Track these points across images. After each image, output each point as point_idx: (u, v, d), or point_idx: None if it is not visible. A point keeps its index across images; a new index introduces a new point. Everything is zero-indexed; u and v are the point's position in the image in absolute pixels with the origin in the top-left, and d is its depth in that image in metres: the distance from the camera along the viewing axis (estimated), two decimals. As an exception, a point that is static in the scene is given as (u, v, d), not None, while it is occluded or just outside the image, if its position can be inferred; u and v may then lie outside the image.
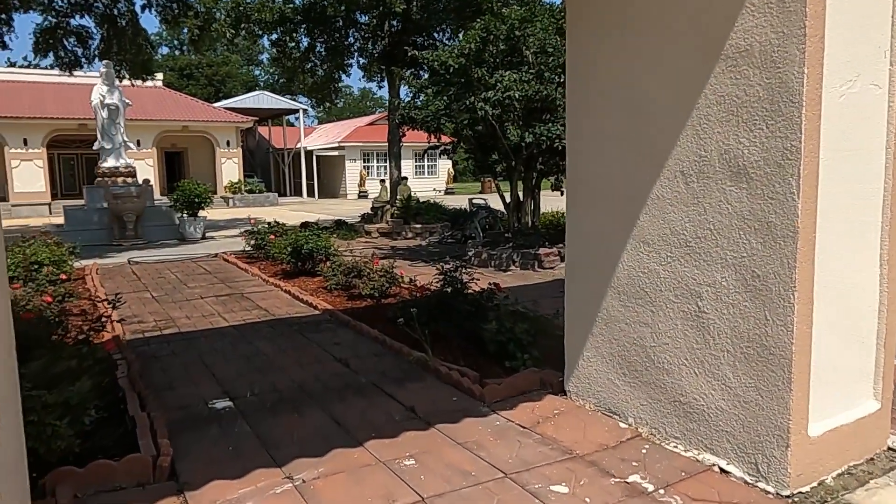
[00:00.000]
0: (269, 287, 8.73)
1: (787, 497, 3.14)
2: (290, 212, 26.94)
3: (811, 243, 3.14)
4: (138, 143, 30.72)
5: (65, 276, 7.01)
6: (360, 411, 4.23)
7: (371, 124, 41.90)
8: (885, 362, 3.63)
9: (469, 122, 10.54)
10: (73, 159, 31.39)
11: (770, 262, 3.20)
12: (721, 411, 3.49)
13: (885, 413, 3.64)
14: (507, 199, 11.00)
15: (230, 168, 33.12)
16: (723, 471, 3.41)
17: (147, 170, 30.92)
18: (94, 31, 18.69)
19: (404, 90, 15.26)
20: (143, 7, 17.57)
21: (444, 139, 10.99)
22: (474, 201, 14.32)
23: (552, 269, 10.16)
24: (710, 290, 3.50)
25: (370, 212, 15.57)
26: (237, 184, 32.39)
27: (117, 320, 6.77)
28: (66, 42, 18.58)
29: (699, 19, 3.42)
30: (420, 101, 10.30)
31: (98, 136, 15.53)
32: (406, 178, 15.38)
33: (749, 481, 3.30)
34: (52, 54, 18.44)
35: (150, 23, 32.95)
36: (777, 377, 3.19)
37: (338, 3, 14.20)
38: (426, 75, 10.45)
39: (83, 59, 18.74)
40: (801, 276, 3.11)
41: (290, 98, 39.27)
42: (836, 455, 3.37)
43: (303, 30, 15.05)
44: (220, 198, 32.06)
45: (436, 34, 15.33)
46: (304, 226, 17.81)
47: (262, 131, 43.05)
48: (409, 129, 10.60)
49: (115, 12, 17.98)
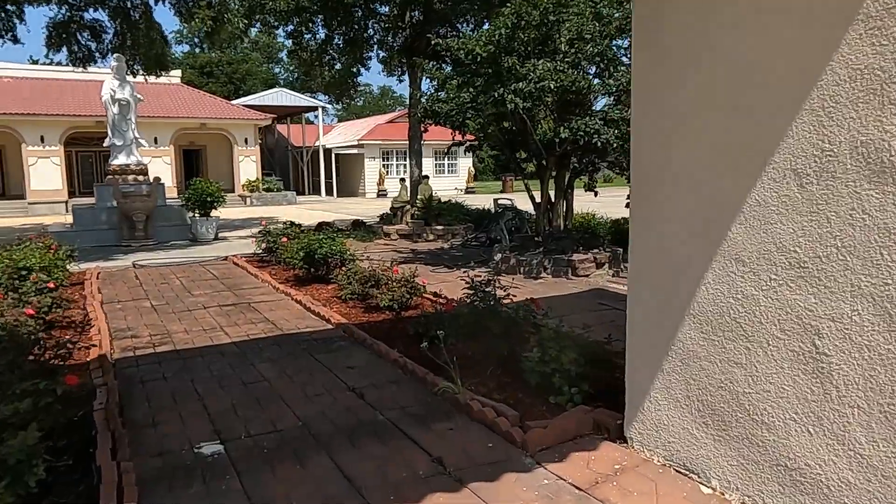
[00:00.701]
0: (279, 296, 8.00)
1: None
2: (308, 211, 26.33)
3: None
4: (156, 141, 30.39)
5: (53, 285, 6.36)
6: (377, 464, 3.45)
7: (391, 122, 41.22)
8: None
9: (496, 117, 9.73)
10: (91, 157, 31.10)
11: (935, 295, 2.37)
12: (847, 485, 2.66)
13: None
14: (537, 200, 10.18)
15: (248, 166, 32.64)
16: (856, 569, 2.58)
17: (164, 168, 30.57)
18: (108, 24, 18.22)
19: (426, 84, 14.47)
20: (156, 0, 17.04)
21: (469, 136, 10.20)
22: (500, 202, 13.50)
23: (587, 276, 9.31)
24: (833, 325, 2.66)
25: (389, 212, 14.83)
26: (255, 182, 31.89)
27: (110, 334, 6.08)
28: (79, 36, 18.13)
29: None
30: (443, 95, 9.52)
31: (109, 132, 14.96)
32: (427, 177, 14.61)
33: (897, 588, 2.46)
34: (65, 49, 17.98)
35: (169, 21, 32.59)
36: (943, 451, 2.36)
37: (356, -8, 13.53)
38: (449, 69, 9.66)
39: (97, 54, 18.27)
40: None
41: (309, 96, 38.75)
42: None
43: (320, 20, 14.35)
44: (238, 196, 31.60)
45: (459, 25, 14.52)
46: (321, 226, 17.15)
47: (281, 129, 42.58)
48: (431, 125, 9.82)
49: (129, 5, 17.47)
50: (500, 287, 5.50)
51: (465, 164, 40.87)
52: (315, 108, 38.85)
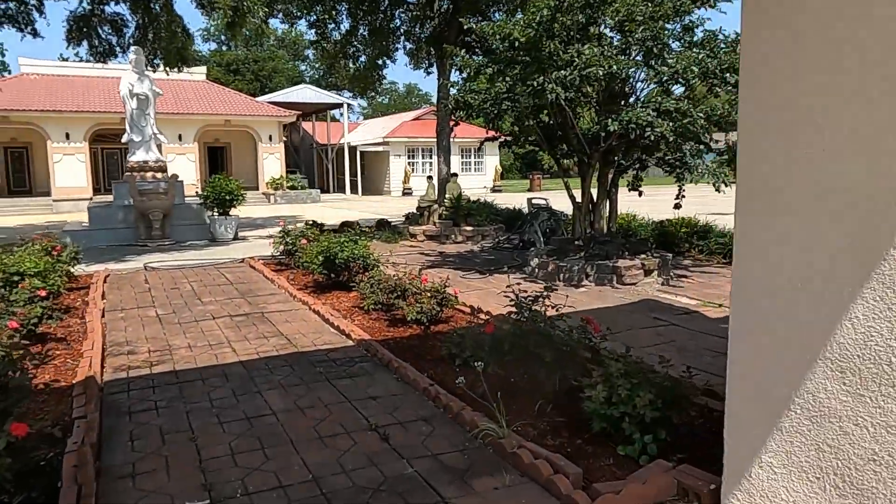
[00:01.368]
0: (296, 305, 7.28)
1: None
2: (332, 210, 25.74)
3: None
4: (180, 138, 30.12)
5: (45, 292, 5.72)
6: (404, 546, 2.67)
7: (417, 119, 40.49)
8: None
9: (533, 109, 8.90)
10: (117, 154, 30.92)
11: None
12: None
13: None
14: (578, 200, 9.32)
15: (272, 164, 32.19)
16: None
17: (189, 165, 30.29)
18: (129, 17, 17.79)
19: (456, 76, 13.68)
20: (177, -9, 16.54)
21: (484, 132, 9.35)
22: (534, 201, 12.65)
23: (633, 284, 8.43)
24: None
25: (415, 212, 14.07)
26: (279, 180, 31.42)
27: (104, 349, 5.41)
28: (100, 30, 17.72)
29: None
30: (475, 85, 8.72)
31: (127, 128, 14.46)
32: (455, 175, 13.84)
33: None
34: (85, 43, 17.58)
35: (196, 19, 32.29)
36: None
37: (383, -20, 12.79)
38: (480, 59, 8.83)
39: (117, 48, 17.84)
40: None
41: (334, 93, 38.22)
42: None
43: (344, 9, 13.66)
44: (262, 194, 31.19)
45: (491, 15, 13.70)
46: (344, 226, 16.48)
47: (307, 126, 42.17)
48: (462, 120, 9.01)
49: (150, -3, 17.00)
50: (549, 304, 4.66)
51: (493, 161, 40.00)
52: (340, 105, 38.31)
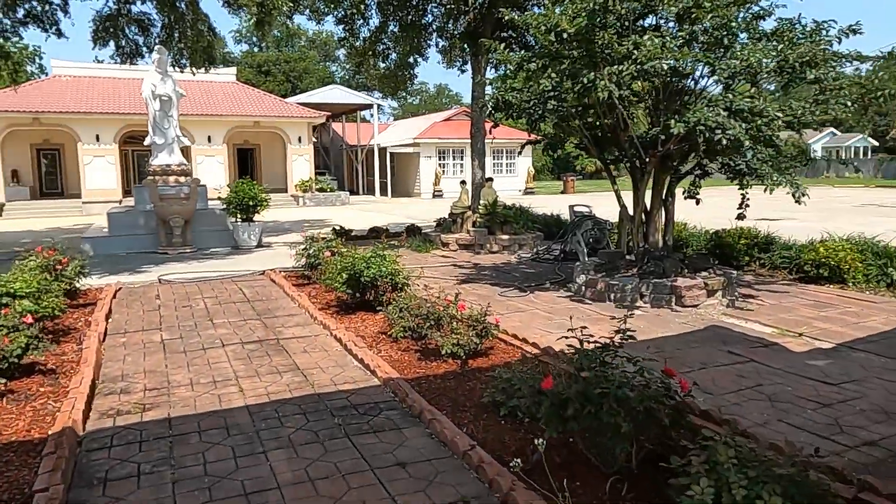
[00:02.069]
0: (316, 329, 6.51)
1: None
2: (361, 213, 25.10)
3: None
4: (209, 140, 29.84)
5: (31, 319, 5.04)
6: None
7: (447, 120, 39.71)
8: None
9: (580, 109, 8.01)
10: (147, 156, 30.65)
11: None
12: None
13: None
14: (630, 209, 8.38)
15: (301, 165, 31.73)
16: None
17: (218, 167, 30.00)
18: (155, 17, 17.39)
19: (491, 73, 12.82)
20: (202, -12, 16.04)
21: (517, 133, 8.48)
22: (576, 208, 11.70)
23: (695, 306, 7.46)
24: None
25: (448, 218, 13.24)
26: (308, 182, 30.93)
27: (92, 388, 4.70)
28: (126, 30, 17.35)
29: None
30: (515, 83, 7.85)
31: (149, 130, 13.95)
32: (491, 180, 12.95)
33: None
34: (112, 43, 17.21)
35: (226, 19, 32.03)
36: None
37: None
38: (522, 53, 7.94)
39: (144, 48, 17.45)
40: None
41: (364, 93, 37.66)
42: None
43: (373, 4, 12.91)
44: (291, 196, 30.76)
45: (529, 7, 12.78)
46: (373, 233, 15.75)
47: (336, 128, 41.73)
48: (502, 121, 8.13)
49: (176, -5, 16.53)
50: (624, 355, 3.75)
51: (525, 163, 39.00)
52: (370, 106, 37.73)
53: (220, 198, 13.60)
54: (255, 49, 63.27)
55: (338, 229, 15.52)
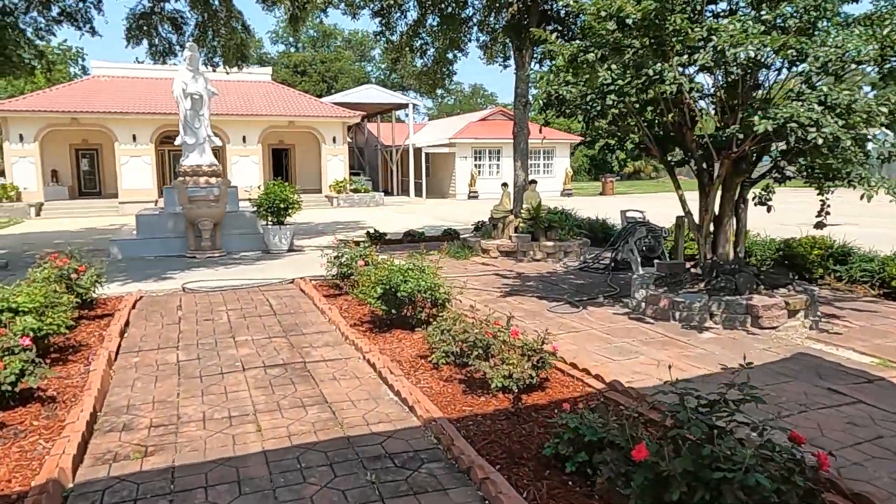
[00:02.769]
0: (347, 350, 5.83)
1: None
2: (396, 214, 24.51)
3: None
4: (244, 140, 29.65)
5: (28, 341, 4.47)
6: None
7: (483, 120, 38.96)
8: None
9: (640, 105, 7.17)
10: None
11: None
12: None
13: None
14: (696, 217, 7.49)
15: (336, 166, 31.33)
16: None
17: (253, 167, 29.80)
18: (188, 14, 17.08)
19: (535, 68, 12.00)
20: (236, -15, 15.64)
21: (555, 132, 7.62)
22: (629, 214, 10.82)
23: (773, 328, 6.56)
24: None
25: (488, 223, 12.48)
26: (342, 183, 30.50)
27: (91, 424, 4.09)
28: (160, 28, 17.07)
29: None
30: (569, 76, 7.04)
31: (180, 130, 13.52)
32: (535, 182, 12.13)
33: None
34: (145, 42, 16.96)
35: (263, 23, 31.86)
36: None
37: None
38: (579, 43, 7.10)
39: (177, 47, 17.16)
40: None
41: (400, 93, 37.14)
42: None
43: (411, -4, 12.27)
44: (325, 197, 30.39)
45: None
46: (408, 237, 15.08)
47: (371, 128, 41.33)
48: (552, 119, 7.33)
49: (209, -8, 16.16)
50: (745, 421, 2.92)
51: (562, 164, 37.98)
52: (405, 106, 37.18)
53: (249, 199, 13.09)
54: (292, 49, 63.47)
55: (371, 233, 14.90)
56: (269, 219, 12.60)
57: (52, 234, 18.14)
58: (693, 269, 7.61)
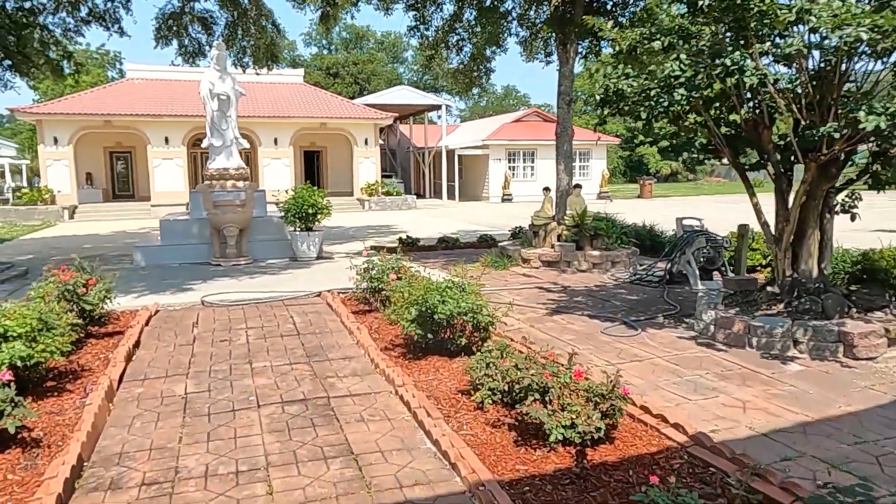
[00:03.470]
0: (377, 381, 5.10)
1: None
2: (428, 218, 23.82)
3: None
4: (276, 142, 29.33)
5: (8, 375, 3.86)
6: None
7: (517, 121, 38.08)
8: None
9: (708, 100, 6.31)
10: (215, 158, 30.61)
11: None
12: None
13: None
14: (772, 227, 6.58)
15: (367, 168, 30.81)
16: None
17: (284, 170, 29.47)
18: (218, 14, 16.68)
19: (580, 62, 11.16)
20: (266, -17, 15.15)
21: (590, 133, 6.79)
22: (685, 222, 9.90)
23: (871, 359, 5.62)
24: None
25: (528, 230, 11.66)
26: (374, 185, 29.96)
27: (70, 482, 3.44)
28: (190, 28, 16.70)
29: None
30: (628, 69, 6.21)
31: (207, 132, 13.01)
32: (579, 187, 11.26)
33: None
34: (174, 42, 16.60)
35: (296, 25, 31.57)
36: None
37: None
38: (643, 29, 6.24)
39: (206, 47, 16.77)
40: None
41: (432, 95, 36.50)
42: None
43: (447, -12, 11.55)
44: (356, 200, 29.88)
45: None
46: (442, 243, 14.35)
47: (403, 129, 40.80)
48: (610, 116, 6.48)
49: (239, -9, 15.72)
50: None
51: (599, 166, 36.85)
52: (438, 107, 36.54)
53: (277, 203, 12.50)
54: (325, 52, 63.49)
55: (404, 239, 14.22)
56: (298, 225, 11.99)
57: (82, 238, 17.91)
58: (770, 288, 6.68)
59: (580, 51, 11.40)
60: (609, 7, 11.47)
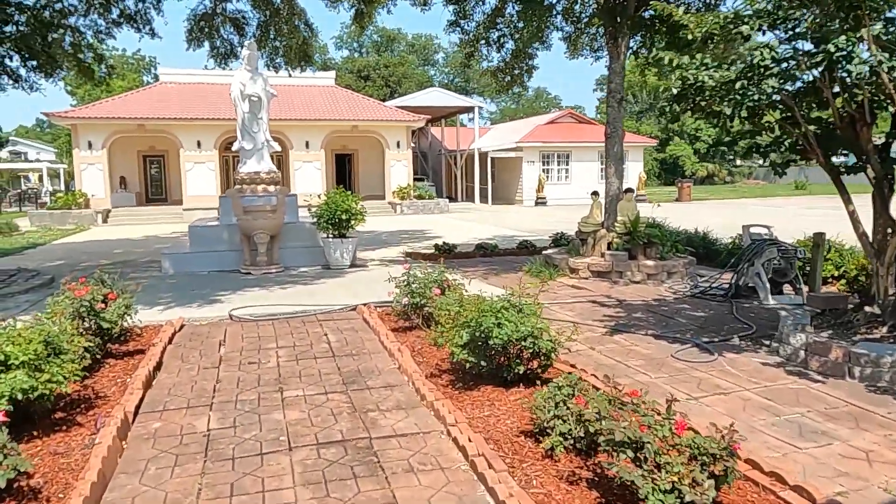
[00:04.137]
0: (425, 416, 4.44)
1: None
2: (462, 223, 23.16)
3: None
4: (307, 145, 29.01)
5: (2, 416, 3.33)
6: None
7: (551, 123, 37.24)
8: None
9: (797, 94, 5.53)
10: (246, 162, 30.43)
11: None
12: None
13: None
14: (869, 237, 5.77)
15: (399, 171, 30.31)
16: None
17: (315, 173, 29.15)
18: (251, 14, 16.32)
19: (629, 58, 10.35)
20: (300, -16, 14.71)
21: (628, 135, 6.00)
22: (752, 230, 9.06)
23: None
24: None
25: (575, 238, 10.91)
26: (406, 189, 29.43)
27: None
28: (222, 29, 16.36)
29: None
30: (706, 58, 5.47)
31: (238, 134, 12.56)
32: (631, 191, 10.47)
33: None
34: (206, 44, 16.28)
35: (328, 27, 31.29)
36: None
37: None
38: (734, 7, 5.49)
39: (239, 48, 16.41)
40: None
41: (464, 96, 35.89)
42: None
43: (490, -19, 10.89)
44: (388, 204, 29.39)
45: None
46: (480, 249, 13.67)
47: (434, 132, 40.24)
48: (679, 115, 5.74)
49: (272, -10, 15.32)
50: None
51: (636, 168, 35.77)
52: (470, 109, 35.94)
53: (309, 208, 11.97)
54: (356, 55, 63.40)
55: (440, 245, 13.59)
56: (330, 231, 11.44)
57: (114, 243, 17.70)
58: (869, 308, 5.85)
59: (631, 45, 10.62)
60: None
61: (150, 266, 12.30)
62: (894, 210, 5.77)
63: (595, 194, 10.87)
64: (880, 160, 5.63)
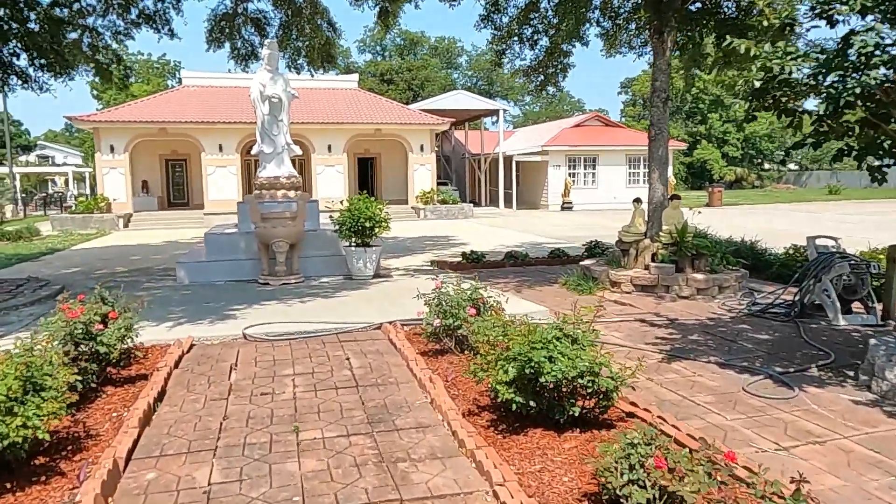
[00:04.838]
0: (464, 470, 3.73)
1: None
2: (487, 228, 22.44)
3: None
4: (329, 149, 28.54)
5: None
6: None
7: (577, 126, 36.40)
8: None
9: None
10: (268, 166, 30.07)
11: None
12: None
13: None
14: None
15: (423, 175, 29.70)
16: None
17: (337, 177, 28.68)
18: (272, 14, 15.83)
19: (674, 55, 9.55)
20: (324, -17, 14.18)
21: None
22: (818, 242, 8.22)
23: None
24: None
25: (617, 248, 10.14)
26: (429, 193, 28.81)
27: None
28: (243, 30, 15.91)
29: None
30: (790, 47, 4.74)
31: (257, 137, 12.01)
32: (677, 198, 9.66)
33: None
34: (227, 44, 15.84)
35: (351, 30, 30.87)
36: None
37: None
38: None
39: (260, 49, 15.93)
40: None
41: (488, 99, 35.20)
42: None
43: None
44: (411, 208, 28.79)
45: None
46: (510, 258, 12.96)
47: (458, 136, 39.58)
48: (755, 112, 4.99)
49: (294, -10, 14.80)
50: None
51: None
52: (495, 112, 35.19)
53: (330, 215, 11.36)
54: (378, 58, 63.07)
55: (468, 254, 12.89)
56: (353, 240, 10.80)
57: (132, 249, 17.31)
58: (978, 338, 5.02)
59: (678, 40, 9.84)
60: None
61: (166, 275, 11.79)
62: None
63: (637, 201, 10.09)
64: None
